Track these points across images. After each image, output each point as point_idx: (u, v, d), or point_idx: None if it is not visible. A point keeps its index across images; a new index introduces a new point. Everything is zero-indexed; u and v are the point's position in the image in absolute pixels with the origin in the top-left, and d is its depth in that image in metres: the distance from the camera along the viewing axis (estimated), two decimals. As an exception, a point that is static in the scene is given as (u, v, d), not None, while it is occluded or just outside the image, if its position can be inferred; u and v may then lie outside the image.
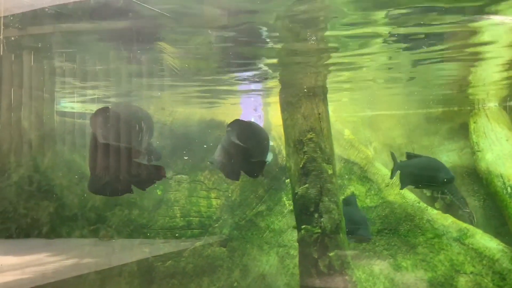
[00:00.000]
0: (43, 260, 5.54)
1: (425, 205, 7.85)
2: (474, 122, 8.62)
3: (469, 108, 8.84)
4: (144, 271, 7.14)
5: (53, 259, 5.67)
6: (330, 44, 5.25)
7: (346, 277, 5.90)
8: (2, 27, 6.40)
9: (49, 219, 7.08)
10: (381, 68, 6.41)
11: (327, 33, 4.78)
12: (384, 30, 4.59)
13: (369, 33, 4.70)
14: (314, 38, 4.98)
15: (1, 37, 6.54)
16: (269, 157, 5.93)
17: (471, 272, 7.41)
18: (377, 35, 4.77)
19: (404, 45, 5.26)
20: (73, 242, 7.08)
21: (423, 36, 4.83)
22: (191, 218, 7.80)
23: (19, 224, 6.86)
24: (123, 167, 3.95)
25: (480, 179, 8.51)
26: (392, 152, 8.02)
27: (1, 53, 6.66)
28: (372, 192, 7.95)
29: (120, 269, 6.69)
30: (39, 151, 6.96)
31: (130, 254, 6.79)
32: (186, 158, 7.97)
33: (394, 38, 4.88)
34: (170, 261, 7.42)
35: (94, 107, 7.94)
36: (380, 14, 4.14)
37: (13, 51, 6.48)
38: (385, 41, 5.00)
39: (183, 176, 7.92)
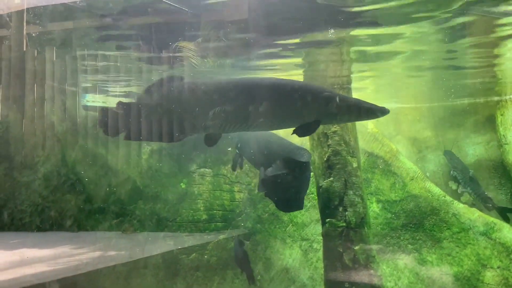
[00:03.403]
0: (72, 252, 5.64)
1: (451, 198, 7.71)
2: (501, 114, 8.41)
3: (496, 99, 8.62)
4: (169, 264, 7.22)
5: (81, 251, 5.77)
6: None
7: (371, 271, 5.86)
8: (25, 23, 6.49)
9: (75, 212, 7.20)
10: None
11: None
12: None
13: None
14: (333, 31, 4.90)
15: (25, 32, 6.64)
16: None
17: (498, 267, 7.27)
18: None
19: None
20: (98, 235, 7.17)
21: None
22: (215, 211, 7.83)
23: (46, 217, 6.99)
24: None
25: (507, 173, 8.34)
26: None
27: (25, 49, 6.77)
28: (397, 186, 7.85)
29: (146, 261, 6.78)
30: (66, 145, 7.06)
31: (155, 247, 6.87)
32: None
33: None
34: (194, 254, 7.48)
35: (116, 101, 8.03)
36: None
37: (36, 46, 6.57)
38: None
39: (206, 170, 7.94)
